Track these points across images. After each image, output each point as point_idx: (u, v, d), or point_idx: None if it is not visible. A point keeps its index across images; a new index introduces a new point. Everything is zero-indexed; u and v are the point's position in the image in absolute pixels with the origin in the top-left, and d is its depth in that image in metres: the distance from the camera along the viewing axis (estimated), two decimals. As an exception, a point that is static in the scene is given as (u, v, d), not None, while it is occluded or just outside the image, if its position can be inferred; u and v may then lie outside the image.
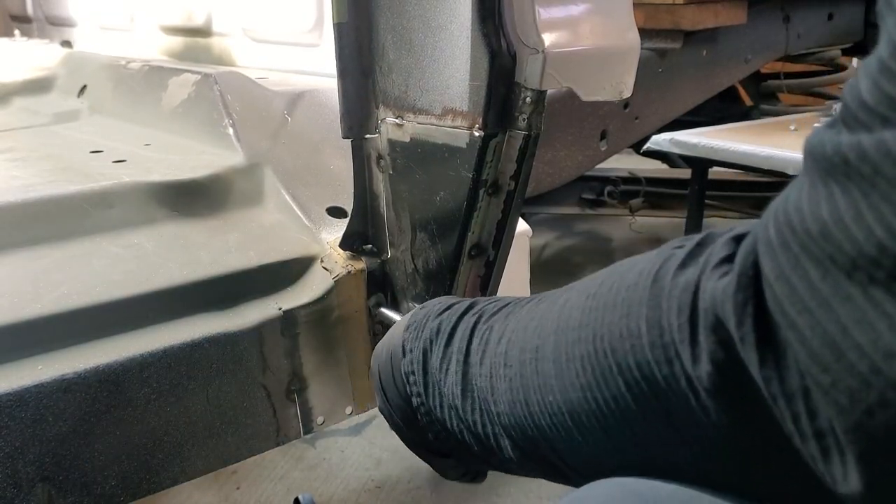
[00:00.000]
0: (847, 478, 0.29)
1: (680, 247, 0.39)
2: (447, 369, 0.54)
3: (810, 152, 0.31)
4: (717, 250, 0.36)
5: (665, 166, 3.18)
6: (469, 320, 0.55)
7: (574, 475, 0.46)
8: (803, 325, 0.29)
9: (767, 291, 0.31)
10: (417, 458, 0.66)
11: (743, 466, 0.37)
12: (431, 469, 0.67)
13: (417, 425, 0.59)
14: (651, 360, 0.37)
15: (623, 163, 2.90)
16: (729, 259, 0.35)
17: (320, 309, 0.81)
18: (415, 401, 0.57)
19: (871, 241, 0.27)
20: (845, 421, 0.28)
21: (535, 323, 0.47)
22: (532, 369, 0.45)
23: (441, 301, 0.60)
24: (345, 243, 0.84)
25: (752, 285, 0.32)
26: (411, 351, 0.58)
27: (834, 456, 0.30)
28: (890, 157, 0.27)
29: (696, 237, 0.39)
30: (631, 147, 2.32)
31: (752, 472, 0.36)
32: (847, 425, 0.28)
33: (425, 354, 0.57)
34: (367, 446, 1.69)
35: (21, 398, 0.63)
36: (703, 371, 0.34)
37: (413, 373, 0.57)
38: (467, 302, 0.58)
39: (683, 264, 0.37)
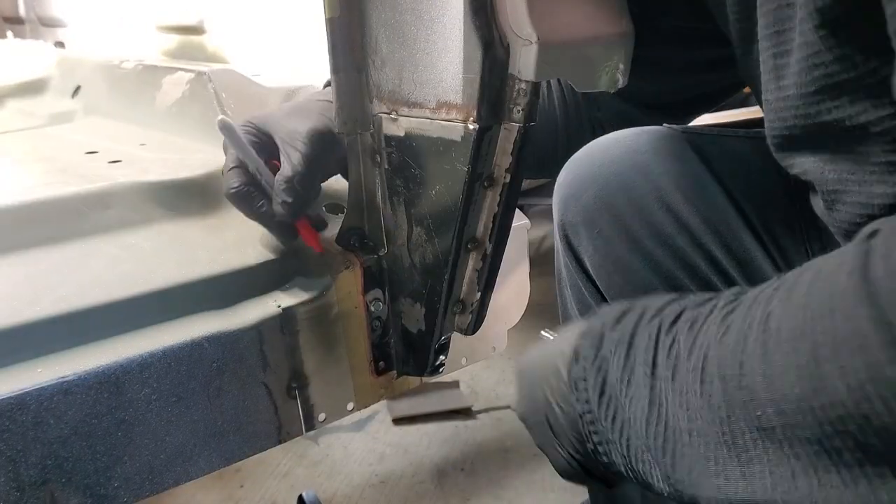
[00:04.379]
0: None
1: (872, 235, 0.39)
2: (629, 380, 0.53)
3: None
4: None
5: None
6: (649, 329, 0.54)
7: None
8: None
9: None
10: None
11: None
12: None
13: (576, 428, 0.59)
14: (884, 360, 0.36)
15: (621, 152, 2.90)
16: None
17: (320, 306, 0.81)
18: (579, 406, 0.58)
19: None
20: None
21: (734, 337, 0.46)
22: (735, 385, 0.45)
23: (614, 309, 0.60)
24: (341, 239, 0.84)
25: None
26: (585, 358, 0.58)
27: None
28: None
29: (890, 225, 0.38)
30: (628, 136, 2.31)
31: None
32: None
33: (603, 362, 0.56)
34: (370, 442, 1.69)
35: (21, 401, 0.63)
36: None
37: (584, 379, 0.58)
38: (639, 307, 0.57)
39: (888, 255, 0.37)
